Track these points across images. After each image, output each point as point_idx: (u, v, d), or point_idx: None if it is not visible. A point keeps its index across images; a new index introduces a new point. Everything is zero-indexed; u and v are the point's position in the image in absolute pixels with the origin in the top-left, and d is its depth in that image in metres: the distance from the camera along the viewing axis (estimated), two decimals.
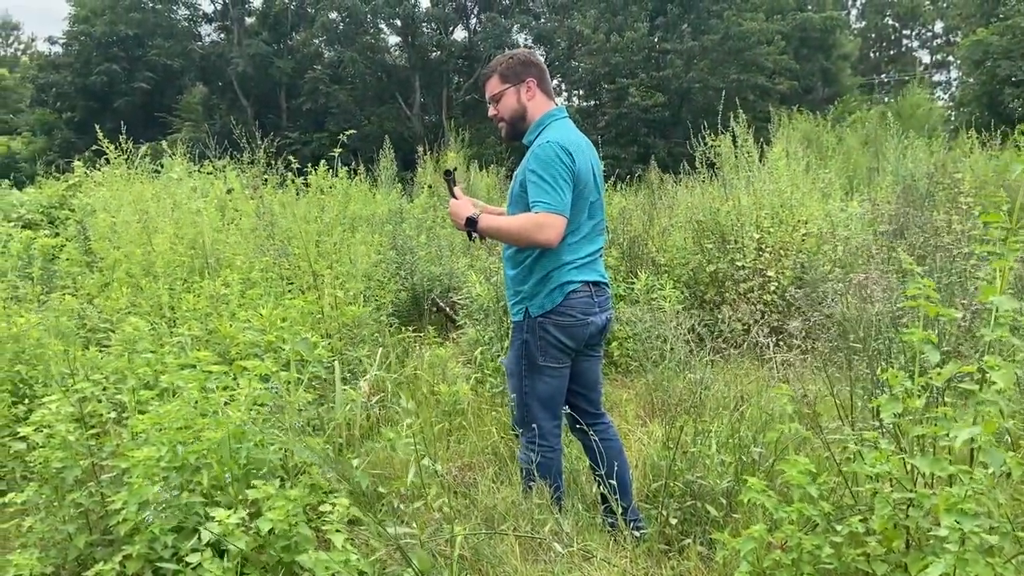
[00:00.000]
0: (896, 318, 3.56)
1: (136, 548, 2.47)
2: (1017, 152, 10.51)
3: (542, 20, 38.72)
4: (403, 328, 6.00)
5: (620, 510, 2.86)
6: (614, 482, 2.95)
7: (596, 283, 3.09)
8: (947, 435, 2.08)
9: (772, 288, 5.88)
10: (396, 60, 39.42)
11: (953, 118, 28.97)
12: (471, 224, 3.02)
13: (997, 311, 2.04)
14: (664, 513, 2.94)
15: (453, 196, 3.15)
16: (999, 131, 11.27)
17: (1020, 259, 4.75)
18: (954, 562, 2.03)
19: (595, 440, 3.09)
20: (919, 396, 2.25)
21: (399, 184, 12.14)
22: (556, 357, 3.07)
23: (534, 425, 3.07)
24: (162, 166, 8.25)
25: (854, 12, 51.54)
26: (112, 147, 7.61)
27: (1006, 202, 2.15)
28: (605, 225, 3.24)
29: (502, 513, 2.88)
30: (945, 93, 48.85)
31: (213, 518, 2.25)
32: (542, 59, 3.25)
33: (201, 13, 40.54)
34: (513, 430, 3.45)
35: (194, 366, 3.10)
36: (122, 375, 3.46)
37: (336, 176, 8.51)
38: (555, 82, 41.73)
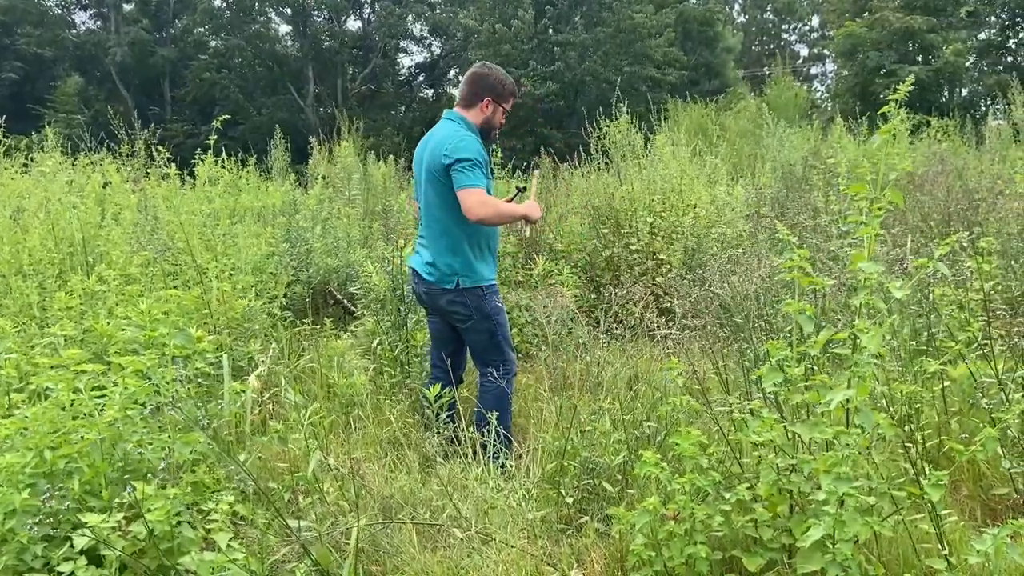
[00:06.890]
0: (777, 293, 3.70)
1: (3, 560, 2.30)
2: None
3: (438, 11, 38.34)
4: (298, 322, 5.82)
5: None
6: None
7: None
8: (824, 401, 2.16)
9: (665, 271, 6.02)
10: (287, 50, 38.25)
11: (829, 108, 30.48)
12: None
13: (864, 276, 2.14)
14: (562, 492, 2.96)
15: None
16: (866, 117, 12.02)
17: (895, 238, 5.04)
18: (833, 524, 2.12)
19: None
20: (798, 364, 2.33)
21: (293, 175, 11.78)
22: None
23: None
24: (32, 160, 7.68)
25: (736, 6, 53.52)
26: None
27: (870, 173, 2.26)
28: (427, 217, 3.68)
29: (399, 502, 2.83)
30: (822, 85, 51.39)
31: (85, 524, 2.11)
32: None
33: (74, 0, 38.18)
34: None
35: (65, 366, 2.90)
36: None
37: (223, 167, 8.18)
38: (452, 73, 41.54)
